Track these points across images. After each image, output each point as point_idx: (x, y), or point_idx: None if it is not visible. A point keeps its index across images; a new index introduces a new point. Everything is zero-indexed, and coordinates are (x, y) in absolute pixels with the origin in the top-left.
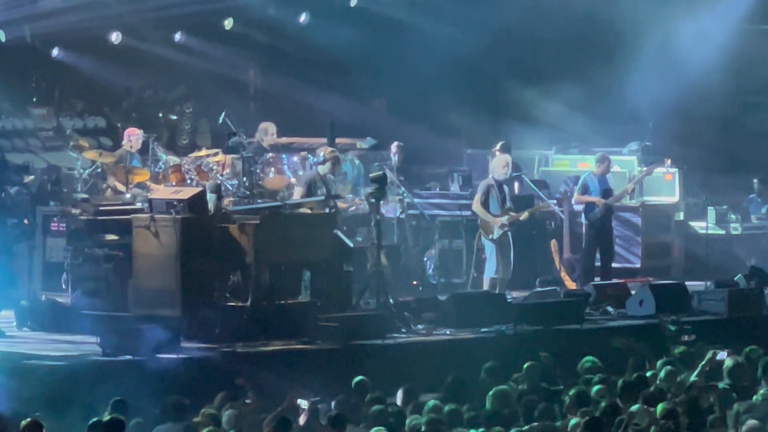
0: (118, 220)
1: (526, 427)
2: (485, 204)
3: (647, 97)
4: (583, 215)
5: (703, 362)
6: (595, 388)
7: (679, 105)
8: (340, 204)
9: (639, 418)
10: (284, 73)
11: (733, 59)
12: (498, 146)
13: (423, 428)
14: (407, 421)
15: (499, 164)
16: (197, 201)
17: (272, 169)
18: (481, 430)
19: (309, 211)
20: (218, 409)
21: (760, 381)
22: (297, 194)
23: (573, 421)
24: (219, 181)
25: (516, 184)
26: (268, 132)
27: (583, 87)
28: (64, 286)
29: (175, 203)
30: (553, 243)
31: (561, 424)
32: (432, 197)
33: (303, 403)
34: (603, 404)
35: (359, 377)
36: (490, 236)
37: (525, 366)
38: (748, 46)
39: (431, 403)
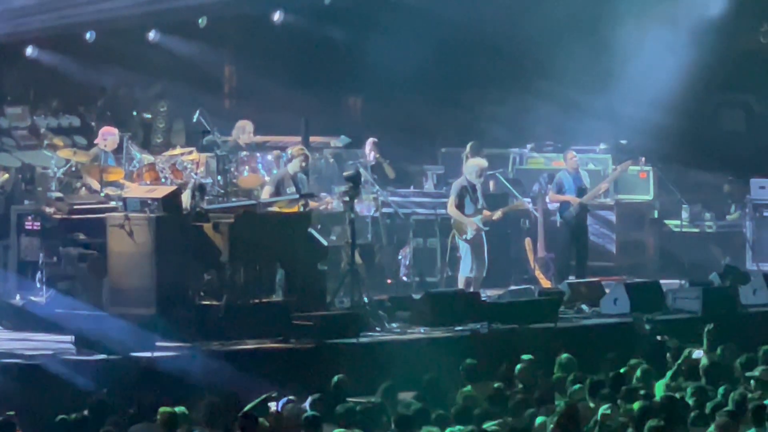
0: (93, 218)
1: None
2: (460, 206)
3: (622, 95)
4: (558, 214)
5: (679, 361)
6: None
7: (654, 103)
8: (312, 203)
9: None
10: (259, 71)
11: (708, 57)
12: (468, 148)
13: (393, 426)
14: (384, 420)
15: (474, 170)
16: (171, 199)
17: (246, 167)
18: (457, 428)
19: (280, 210)
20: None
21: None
22: (265, 193)
23: (539, 419)
24: (203, 183)
25: (491, 183)
26: (245, 130)
27: (558, 85)
28: (38, 285)
29: (149, 202)
30: (528, 241)
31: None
32: (409, 195)
33: (272, 405)
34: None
35: (338, 376)
36: (464, 236)
37: (517, 367)
38: (723, 43)
39: (408, 402)
